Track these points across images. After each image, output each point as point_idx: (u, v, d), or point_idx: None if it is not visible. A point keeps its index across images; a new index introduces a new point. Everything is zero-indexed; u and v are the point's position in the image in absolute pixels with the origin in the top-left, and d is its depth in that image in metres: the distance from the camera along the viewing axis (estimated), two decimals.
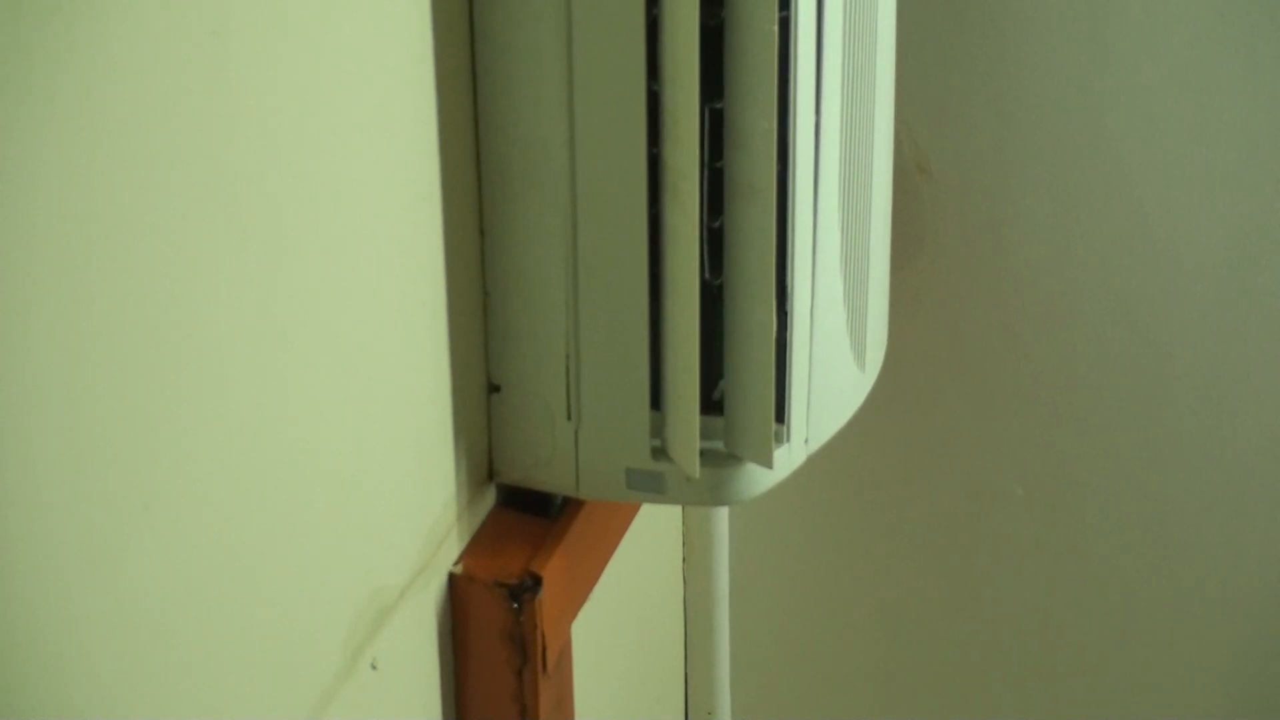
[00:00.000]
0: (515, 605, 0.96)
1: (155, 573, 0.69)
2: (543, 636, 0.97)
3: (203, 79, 0.69)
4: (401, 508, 0.92)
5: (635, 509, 1.15)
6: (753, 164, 0.90)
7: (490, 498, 1.02)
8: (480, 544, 0.99)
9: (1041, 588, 1.42)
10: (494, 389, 0.99)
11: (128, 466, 0.67)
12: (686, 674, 1.52)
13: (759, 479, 0.97)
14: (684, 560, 1.48)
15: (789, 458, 0.98)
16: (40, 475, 0.62)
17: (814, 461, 1.01)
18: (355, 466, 0.87)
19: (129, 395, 0.67)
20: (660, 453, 0.96)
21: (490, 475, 1.01)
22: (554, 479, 0.99)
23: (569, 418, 0.97)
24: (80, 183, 0.62)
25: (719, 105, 0.89)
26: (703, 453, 0.94)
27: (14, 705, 0.62)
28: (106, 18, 0.63)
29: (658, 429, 0.96)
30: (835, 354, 1.01)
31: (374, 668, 0.89)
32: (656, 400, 0.95)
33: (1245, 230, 1.27)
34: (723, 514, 1.46)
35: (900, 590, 1.47)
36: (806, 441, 0.99)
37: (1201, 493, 1.36)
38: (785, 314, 0.94)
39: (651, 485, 0.97)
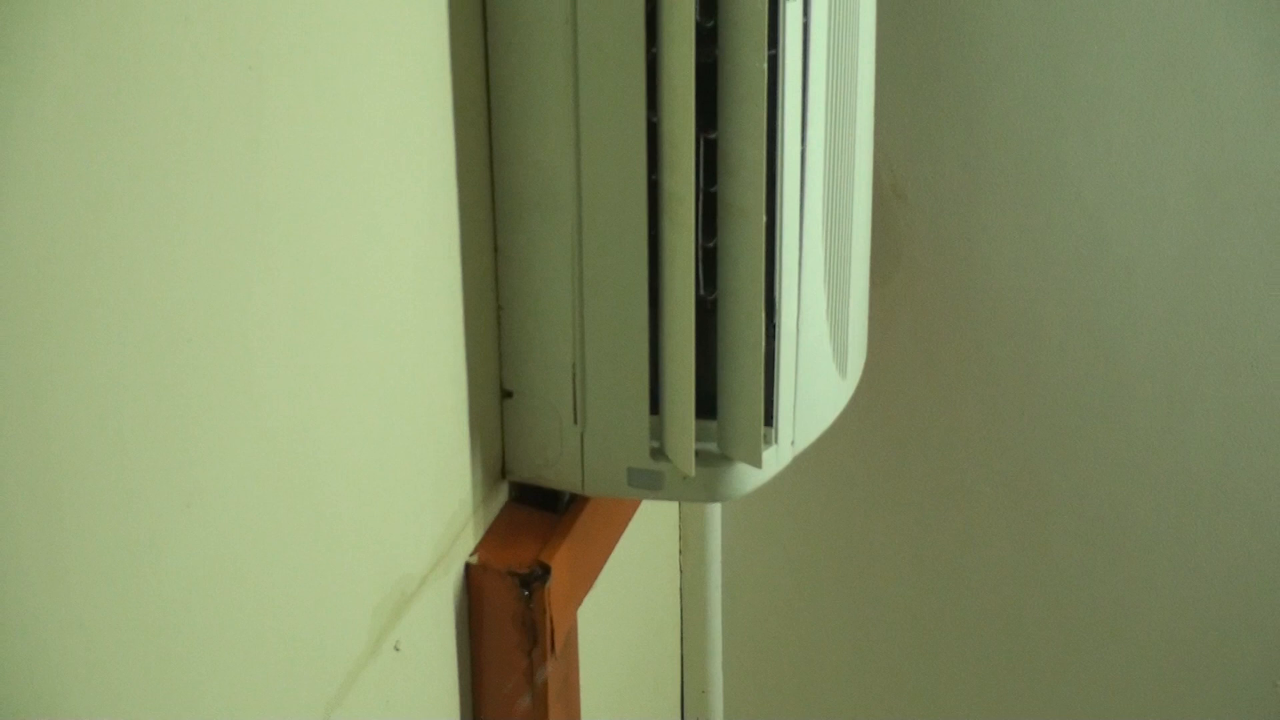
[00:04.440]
0: (526, 592, 0.97)
1: (197, 564, 0.70)
2: (551, 621, 0.98)
3: (239, 110, 0.70)
4: (422, 504, 0.92)
5: (636, 505, 1.15)
6: (743, 188, 0.90)
7: (503, 494, 1.03)
8: (494, 536, 1.00)
9: (1009, 578, 1.43)
10: (506, 395, 0.99)
11: (171, 469, 0.67)
12: (682, 654, 1.52)
13: (749, 477, 0.98)
14: (680, 552, 1.48)
15: (776, 458, 0.98)
16: (89, 480, 0.62)
17: (800, 462, 1.02)
18: (380, 466, 0.87)
19: (176, 402, 0.67)
20: (659, 453, 0.97)
21: (503, 474, 1.02)
22: (561, 477, 1.00)
23: (575, 421, 0.98)
24: (133, 204, 0.63)
25: (713, 135, 0.90)
26: (698, 453, 0.95)
27: (61, 686, 0.62)
28: (155, 55, 0.64)
29: (656, 431, 0.96)
30: (819, 362, 1.01)
31: (397, 649, 0.90)
32: (655, 405, 0.96)
33: (1193, 249, 1.28)
34: (716, 510, 1.46)
35: (878, 580, 1.47)
36: (793, 443, 1.00)
37: (1155, 488, 1.36)
38: (773, 326, 0.95)
39: (651, 483, 0.97)
